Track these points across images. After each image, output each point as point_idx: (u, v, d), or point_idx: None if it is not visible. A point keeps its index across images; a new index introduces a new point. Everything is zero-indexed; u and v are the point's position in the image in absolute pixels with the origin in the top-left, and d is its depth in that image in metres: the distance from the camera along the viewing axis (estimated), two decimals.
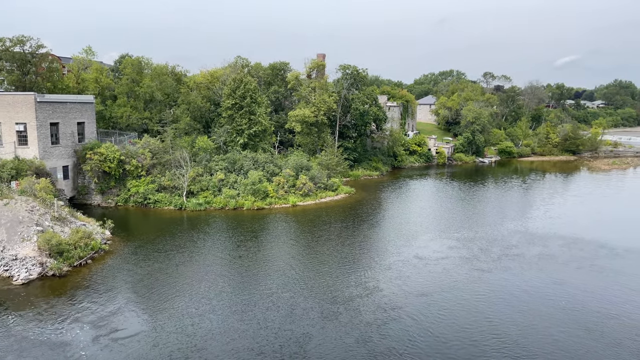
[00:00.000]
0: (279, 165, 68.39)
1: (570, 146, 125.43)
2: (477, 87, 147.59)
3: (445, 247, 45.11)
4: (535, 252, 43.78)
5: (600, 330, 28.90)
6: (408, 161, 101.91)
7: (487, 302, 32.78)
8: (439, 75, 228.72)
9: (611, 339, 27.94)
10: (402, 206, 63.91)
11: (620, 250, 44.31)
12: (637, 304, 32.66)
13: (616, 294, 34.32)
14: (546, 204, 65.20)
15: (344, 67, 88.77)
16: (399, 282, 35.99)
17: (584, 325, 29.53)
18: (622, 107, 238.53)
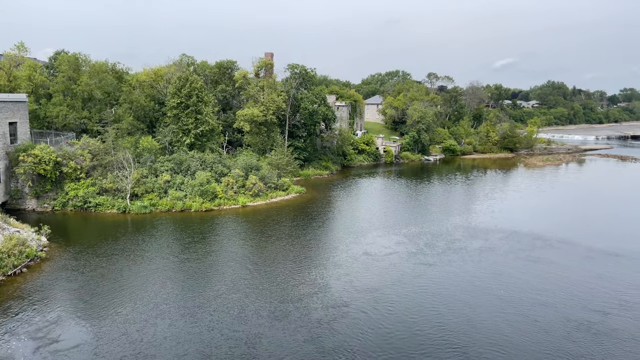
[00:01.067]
0: (227, 166, 67.40)
1: (508, 144, 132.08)
2: (422, 88, 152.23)
3: (393, 242, 46.29)
4: (477, 245, 45.87)
5: (534, 317, 30.75)
6: (357, 160, 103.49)
7: (432, 294, 34.00)
8: (385, 76, 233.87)
9: (543, 324, 29.79)
10: (352, 204, 64.87)
11: (553, 242, 47.26)
12: (568, 292, 34.98)
13: (549, 283, 36.61)
14: (487, 199, 68.38)
15: (292, 66, 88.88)
16: (348, 278, 36.57)
17: (520, 313, 31.30)
18: (555, 107, 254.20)
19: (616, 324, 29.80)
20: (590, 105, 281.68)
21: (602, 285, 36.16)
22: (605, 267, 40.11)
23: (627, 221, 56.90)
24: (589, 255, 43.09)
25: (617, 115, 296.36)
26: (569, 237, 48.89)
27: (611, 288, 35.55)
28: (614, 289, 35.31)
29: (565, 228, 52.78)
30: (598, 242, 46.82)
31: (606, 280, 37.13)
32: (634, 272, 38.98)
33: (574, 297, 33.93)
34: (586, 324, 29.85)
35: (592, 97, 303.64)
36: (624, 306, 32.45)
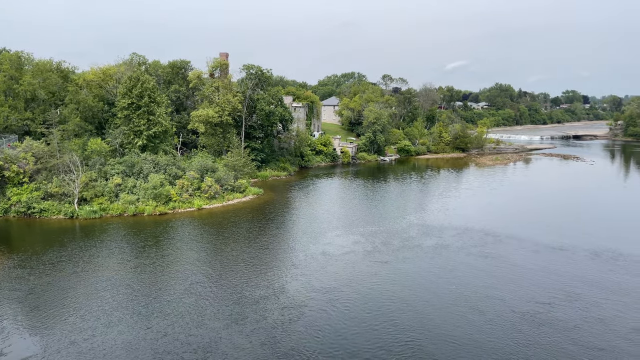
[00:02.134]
0: (182, 168, 65.84)
1: (460, 144, 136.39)
2: (377, 89, 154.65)
3: (350, 242, 46.73)
4: (431, 242, 47.09)
5: (482, 309, 31.95)
6: (315, 161, 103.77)
7: (387, 291, 34.58)
8: (341, 77, 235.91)
9: (490, 316, 31.02)
10: (310, 205, 64.97)
11: (503, 237, 49.21)
12: (514, 285, 36.52)
13: (499, 277, 38.10)
14: (441, 198, 70.35)
15: (248, 66, 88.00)
16: (305, 279, 36.60)
17: (470, 306, 32.43)
18: (503, 108, 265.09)
19: (561, 315, 31.38)
20: (535, 106, 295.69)
21: (547, 277, 37.97)
22: (551, 260, 42.16)
23: (571, 217, 60.06)
24: (536, 250, 45.16)
25: (560, 116, 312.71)
26: (518, 232, 51.03)
27: (556, 280, 37.40)
28: (559, 281, 37.17)
29: (514, 224, 55.05)
30: (544, 237, 49.15)
31: (552, 273, 39.03)
32: (577, 264, 41.19)
33: (521, 289, 35.46)
34: (531, 314, 31.27)
35: (537, 99, 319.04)
36: (568, 297, 34.21)
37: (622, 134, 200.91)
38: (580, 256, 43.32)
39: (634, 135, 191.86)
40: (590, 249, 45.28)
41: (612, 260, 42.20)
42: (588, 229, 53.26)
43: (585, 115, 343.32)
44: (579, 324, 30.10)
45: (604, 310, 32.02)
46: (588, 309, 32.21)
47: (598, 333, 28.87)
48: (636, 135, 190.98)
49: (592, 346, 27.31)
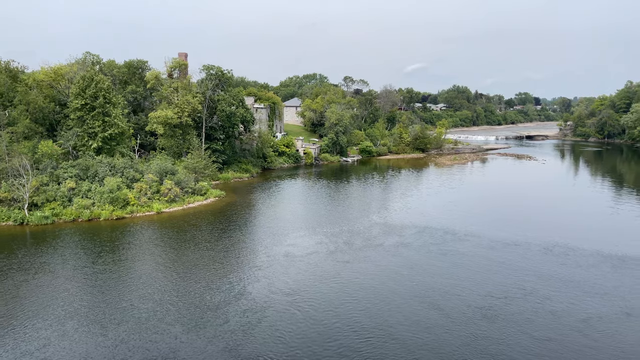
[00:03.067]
0: (140, 171, 64.04)
1: (419, 145, 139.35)
2: (338, 91, 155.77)
3: (313, 242, 46.84)
4: (393, 241, 47.86)
5: (439, 305, 32.82)
6: (277, 162, 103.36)
7: (349, 290, 34.92)
8: (303, 78, 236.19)
9: (447, 311, 31.89)
10: (273, 206, 64.62)
11: (461, 235, 50.62)
12: (471, 281, 37.66)
13: (457, 273, 39.18)
14: (402, 197, 71.63)
15: (207, 67, 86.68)
16: (268, 281, 36.40)
17: (428, 302, 33.24)
18: (460, 110, 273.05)
19: (515, 308, 32.57)
20: (490, 108, 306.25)
21: (503, 273, 39.35)
22: (506, 256, 43.72)
23: (524, 214, 62.51)
24: (492, 246, 46.71)
25: (514, 117, 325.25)
26: (475, 230, 52.62)
27: (511, 275, 38.80)
28: (514, 276, 38.58)
29: (472, 222, 56.69)
30: (500, 234, 50.91)
31: (507, 268, 40.47)
32: (530, 259, 42.87)
33: (479, 285, 36.59)
34: (487, 309, 32.32)
35: (492, 100, 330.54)
36: (523, 291, 35.56)
37: (571, 134, 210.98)
38: (533, 251, 45.12)
39: (582, 135, 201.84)
40: (542, 244, 47.26)
41: (563, 254, 44.18)
42: (540, 225, 55.54)
43: (537, 116, 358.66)
44: (531, 316, 31.32)
45: (555, 303, 33.48)
46: (541, 302, 33.59)
47: (549, 325, 30.16)
48: (584, 135, 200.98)
49: (542, 337, 28.49)
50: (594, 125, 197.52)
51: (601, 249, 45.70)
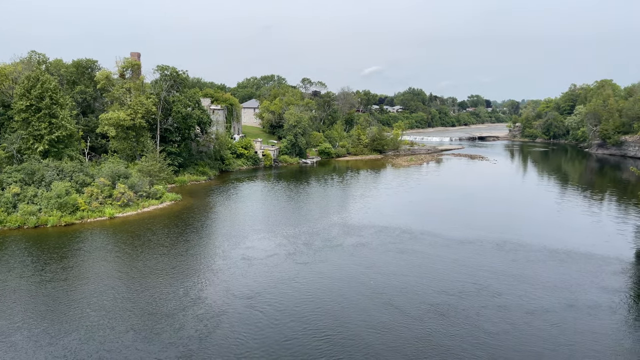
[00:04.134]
0: (90, 174, 61.53)
1: (377, 146, 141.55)
2: (297, 92, 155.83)
3: (272, 245, 46.54)
4: (352, 241, 48.30)
5: (396, 302, 33.42)
6: (236, 164, 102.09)
7: (309, 291, 34.94)
8: (261, 80, 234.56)
9: (403, 308, 32.53)
10: (231, 209, 63.72)
11: (418, 234, 51.77)
12: (427, 279, 38.55)
13: (413, 271, 40.02)
14: (361, 198, 72.45)
15: (162, 67, 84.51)
16: (225, 285, 35.84)
17: (384, 300, 33.80)
18: (416, 112, 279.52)
19: (467, 304, 33.57)
20: (444, 110, 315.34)
21: (458, 270, 40.51)
22: (461, 253, 45.07)
23: (478, 212, 64.67)
24: (447, 244, 48.04)
25: (467, 119, 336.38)
26: (431, 228, 53.94)
27: (465, 272, 40.00)
28: (467, 273, 39.79)
29: (428, 221, 58.10)
30: (454, 232, 52.43)
31: (461, 265, 41.70)
32: (483, 256, 44.36)
33: (434, 282, 37.52)
34: (440, 305, 33.12)
35: (446, 102, 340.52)
36: (476, 287, 36.73)
37: (519, 135, 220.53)
38: (486, 248, 46.76)
39: (530, 136, 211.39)
40: (494, 241, 49.05)
41: (513, 251, 46.02)
42: (493, 223, 57.63)
43: (488, 118, 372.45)
44: (482, 311, 32.35)
45: (505, 297, 34.79)
46: (492, 297, 34.82)
47: (498, 319, 31.25)
48: (532, 136, 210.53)
49: (491, 331, 29.51)
50: (541, 126, 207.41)
51: (549, 244, 47.96)
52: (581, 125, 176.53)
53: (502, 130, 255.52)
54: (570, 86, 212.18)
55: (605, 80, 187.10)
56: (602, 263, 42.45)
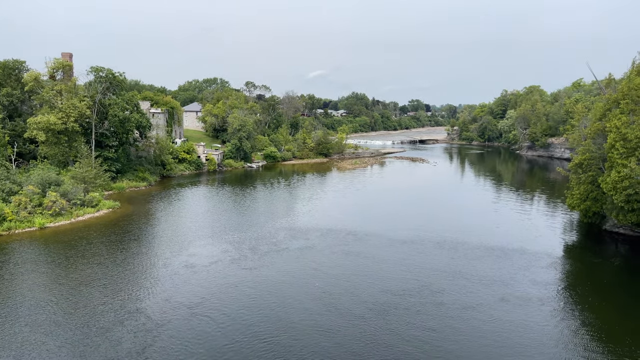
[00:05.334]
0: (18, 182, 57.47)
1: (322, 150, 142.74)
2: (240, 96, 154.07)
3: (217, 251, 45.56)
4: (298, 244, 48.29)
5: (339, 303, 33.79)
6: (178, 169, 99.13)
7: (251, 297, 34.49)
8: (203, 83, 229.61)
9: (346, 309, 32.95)
10: (173, 216, 61.70)
11: (362, 235, 52.61)
12: (371, 279, 39.23)
13: (357, 272, 40.61)
14: (307, 201, 72.64)
15: (96, 69, 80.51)
16: (165, 295, 34.62)
17: (326, 302, 34.07)
18: (359, 116, 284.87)
19: (409, 302, 34.45)
20: (386, 114, 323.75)
21: (401, 269, 41.55)
22: (404, 253, 46.29)
23: (419, 213, 66.76)
24: (391, 244, 49.19)
25: (408, 123, 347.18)
26: (376, 230, 55.04)
27: (408, 271, 41.10)
28: (410, 272, 40.89)
29: (372, 222, 59.22)
30: (397, 232, 53.80)
31: (404, 265, 42.80)
32: (425, 255, 45.79)
33: (378, 282, 38.24)
34: (382, 304, 33.79)
35: (388, 107, 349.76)
36: (418, 286, 37.83)
37: (457, 138, 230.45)
38: (427, 247, 48.35)
39: (467, 139, 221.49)
40: (435, 240, 50.84)
41: (453, 249, 47.89)
42: (434, 222, 59.73)
43: (428, 122, 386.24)
44: (422, 309, 33.25)
45: (444, 294, 36.06)
46: (432, 294, 35.98)
47: (435, 315, 32.29)
48: (468, 139, 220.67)
49: (427, 327, 30.47)
50: (476, 130, 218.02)
51: (486, 242, 50.36)
52: (512, 129, 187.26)
53: (441, 134, 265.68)
54: (502, 92, 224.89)
55: (534, 86, 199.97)
56: (533, 258, 45.15)
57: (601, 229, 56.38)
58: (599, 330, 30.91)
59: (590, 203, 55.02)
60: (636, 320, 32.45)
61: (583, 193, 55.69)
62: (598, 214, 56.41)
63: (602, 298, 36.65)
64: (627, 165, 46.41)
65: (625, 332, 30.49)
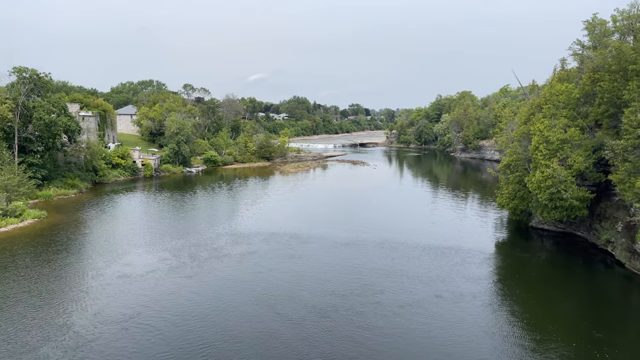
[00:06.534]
0: None
1: (264, 153, 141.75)
2: (178, 98, 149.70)
3: (154, 259, 43.77)
4: (240, 250, 47.48)
5: (281, 307, 33.59)
6: (112, 175, 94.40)
7: (190, 306, 33.45)
8: (138, 85, 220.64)
9: (287, 313, 32.75)
10: (106, 224, 58.56)
11: (306, 238, 52.67)
12: (315, 281, 39.35)
13: (301, 275, 40.60)
14: (250, 206, 71.66)
15: (19, 69, 74.99)
16: (97, 308, 32.74)
17: (270, 305, 33.83)
18: (301, 119, 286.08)
19: (350, 303, 34.78)
20: (328, 118, 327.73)
21: (344, 271, 41.95)
22: (347, 255, 46.82)
23: (361, 214, 67.93)
24: (334, 246, 49.60)
25: (349, 127, 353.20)
26: (319, 232, 55.29)
27: (351, 272, 41.53)
28: (353, 273, 41.34)
29: (316, 225, 59.44)
30: (341, 234, 54.35)
31: (347, 266, 43.26)
32: (367, 256, 46.51)
33: (321, 284, 38.37)
34: (323, 306, 33.92)
35: (329, 111, 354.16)
36: (361, 287, 38.33)
37: (396, 141, 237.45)
38: (369, 248, 49.22)
39: (405, 142, 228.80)
40: (376, 241, 51.90)
41: (393, 249, 49.09)
42: (374, 223, 60.98)
43: (368, 126, 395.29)
44: (362, 309, 33.68)
45: (384, 294, 36.73)
46: (372, 294, 36.55)
47: (375, 314, 32.86)
48: (406, 142, 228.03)
49: (365, 326, 31.02)
50: (414, 133, 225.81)
51: (424, 241, 52.08)
52: (447, 132, 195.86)
53: (381, 137, 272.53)
54: (437, 96, 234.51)
55: (465, 91, 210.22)
56: (468, 255, 47.30)
57: (528, 225, 60.16)
58: (525, 320, 32.92)
59: (518, 202, 58.55)
60: (557, 308, 34.92)
61: (511, 192, 59.17)
62: (525, 211, 60.16)
63: (528, 290, 39.10)
64: (550, 165, 49.88)
65: (547, 320, 32.71)
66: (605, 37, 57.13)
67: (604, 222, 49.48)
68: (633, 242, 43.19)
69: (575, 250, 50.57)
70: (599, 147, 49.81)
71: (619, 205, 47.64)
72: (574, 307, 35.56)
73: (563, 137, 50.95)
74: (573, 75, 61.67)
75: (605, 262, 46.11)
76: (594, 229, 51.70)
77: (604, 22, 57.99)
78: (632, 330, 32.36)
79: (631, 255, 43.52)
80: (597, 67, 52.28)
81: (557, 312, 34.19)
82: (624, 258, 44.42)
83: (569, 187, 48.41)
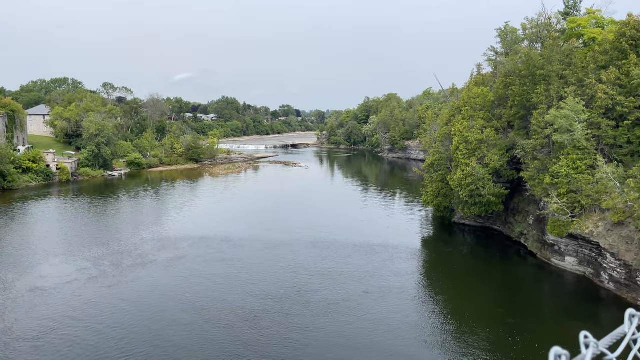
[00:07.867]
0: None
1: (193, 155, 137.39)
2: (97, 98, 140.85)
3: (71, 270, 40.75)
4: (167, 255, 45.56)
5: (207, 312, 32.78)
6: (22, 181, 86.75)
7: (112, 317, 31.62)
8: (51, 83, 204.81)
9: (214, 317, 32.03)
10: (16, 234, 53.60)
11: (237, 241, 51.66)
12: (242, 285, 38.65)
13: (232, 279, 39.78)
14: (178, 210, 69.02)
15: None
16: (3, 326, 29.84)
17: (200, 309, 33.00)
18: (231, 120, 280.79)
19: (279, 305, 34.42)
20: (259, 119, 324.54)
21: (274, 272, 41.67)
22: (279, 256, 46.55)
23: (293, 215, 67.98)
24: (266, 248, 49.12)
25: (280, 128, 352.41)
26: (250, 235, 54.44)
27: (285, 273, 41.38)
28: (283, 274, 41.20)
29: (247, 227, 58.44)
30: (272, 235, 53.94)
31: (281, 267, 43.04)
32: (300, 256, 46.51)
33: (254, 287, 37.82)
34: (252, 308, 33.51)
35: (260, 112, 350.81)
36: (294, 287, 38.22)
37: (326, 142, 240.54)
38: (301, 248, 49.30)
39: (335, 143, 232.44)
40: (308, 241, 52.12)
41: (325, 248, 49.54)
42: (306, 223, 61.23)
43: (299, 127, 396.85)
44: (292, 309, 33.55)
45: (315, 293, 36.82)
46: (303, 294, 36.53)
47: (304, 314, 33.03)
48: (336, 143, 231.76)
49: (298, 326, 31.18)
50: (343, 134, 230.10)
51: (354, 240, 53.06)
52: (375, 133, 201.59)
53: (312, 138, 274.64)
54: (365, 99, 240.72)
55: (392, 94, 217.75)
56: (395, 251, 48.91)
57: (451, 221, 63.45)
58: (449, 310, 34.77)
59: (442, 199, 61.58)
60: (476, 297, 37.25)
61: (435, 190, 62.09)
62: (448, 208, 63.38)
63: (451, 282, 41.28)
64: (469, 164, 52.96)
65: (466, 308, 34.81)
66: (516, 44, 61.67)
67: (517, 216, 53.42)
68: (543, 233, 47.01)
69: (492, 243, 54.10)
70: (511, 146, 53.65)
71: (530, 200, 51.63)
72: (491, 296, 38.03)
73: (480, 138, 54.28)
74: (488, 80, 65.93)
75: (519, 253, 49.77)
76: (509, 223, 55.61)
77: (514, 30, 62.53)
78: (541, 315, 35.18)
79: (541, 246, 47.34)
80: (508, 72, 56.28)
81: (476, 301, 36.38)
82: (535, 249, 48.22)
83: (487, 184, 51.67)
